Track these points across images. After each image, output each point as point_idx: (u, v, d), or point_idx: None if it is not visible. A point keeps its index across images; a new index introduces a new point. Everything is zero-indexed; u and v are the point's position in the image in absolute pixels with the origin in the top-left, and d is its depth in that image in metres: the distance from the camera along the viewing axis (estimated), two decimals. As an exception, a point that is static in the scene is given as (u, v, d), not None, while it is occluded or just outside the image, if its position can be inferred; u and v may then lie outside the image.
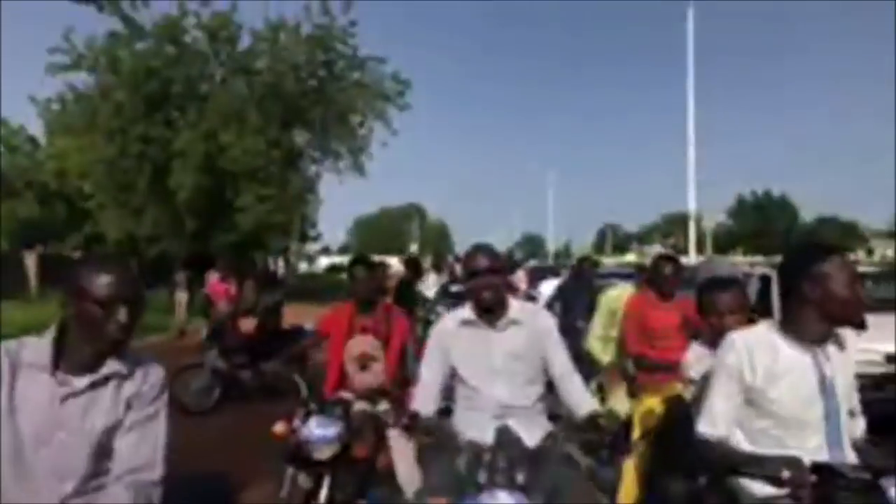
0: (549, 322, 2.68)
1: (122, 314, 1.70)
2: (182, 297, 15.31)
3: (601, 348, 4.76)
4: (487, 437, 2.29)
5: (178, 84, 20.94)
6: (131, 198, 21.94)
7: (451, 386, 2.70)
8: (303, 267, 47.78)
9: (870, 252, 51.90)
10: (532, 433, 2.46)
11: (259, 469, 3.13)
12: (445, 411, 2.71)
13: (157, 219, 22.08)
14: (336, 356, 3.68)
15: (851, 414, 2.05)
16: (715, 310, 2.88)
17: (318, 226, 30.10)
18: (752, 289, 6.98)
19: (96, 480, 1.74)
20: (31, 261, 18.81)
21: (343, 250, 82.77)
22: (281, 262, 37.99)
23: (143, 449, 1.76)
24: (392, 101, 24.29)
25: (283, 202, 22.72)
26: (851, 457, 1.99)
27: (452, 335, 2.62)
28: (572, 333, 5.93)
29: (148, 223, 22.13)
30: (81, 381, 1.73)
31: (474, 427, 2.49)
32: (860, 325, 2.06)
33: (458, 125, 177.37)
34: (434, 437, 2.34)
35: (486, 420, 2.49)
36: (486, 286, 2.51)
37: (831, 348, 2.04)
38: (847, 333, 2.10)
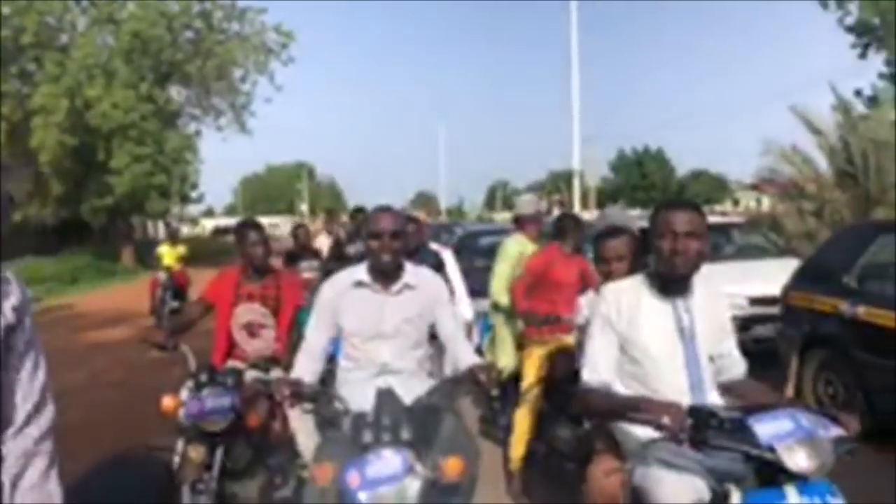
0: (442, 288, 2.70)
1: None
2: None
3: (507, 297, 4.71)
4: (369, 396, 2.29)
5: (31, 33, 19.00)
6: (-15, 159, 19.94)
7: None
8: (185, 231, 45.46)
9: (736, 203, 56.12)
10: (414, 392, 2.47)
11: (147, 445, 3.00)
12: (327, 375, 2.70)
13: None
14: (223, 325, 3.54)
15: (712, 359, 2.18)
16: (604, 257, 3.03)
17: (201, 187, 28.53)
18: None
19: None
20: None
21: (229, 212, 79.54)
22: (161, 227, 36.06)
23: (34, 385, 1.43)
24: (275, 55, 23.33)
25: (161, 162, 21.45)
26: (714, 398, 2.15)
27: (343, 295, 2.57)
28: None
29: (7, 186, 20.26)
30: None
31: (356, 387, 2.49)
32: (683, 278, 2.11)
33: (347, 80, 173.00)
34: (318, 405, 2.30)
35: (368, 380, 2.50)
36: (388, 249, 2.46)
37: (695, 298, 2.16)
38: (712, 279, 2.23)
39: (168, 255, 11.21)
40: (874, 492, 3.19)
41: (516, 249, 4.64)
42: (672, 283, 2.14)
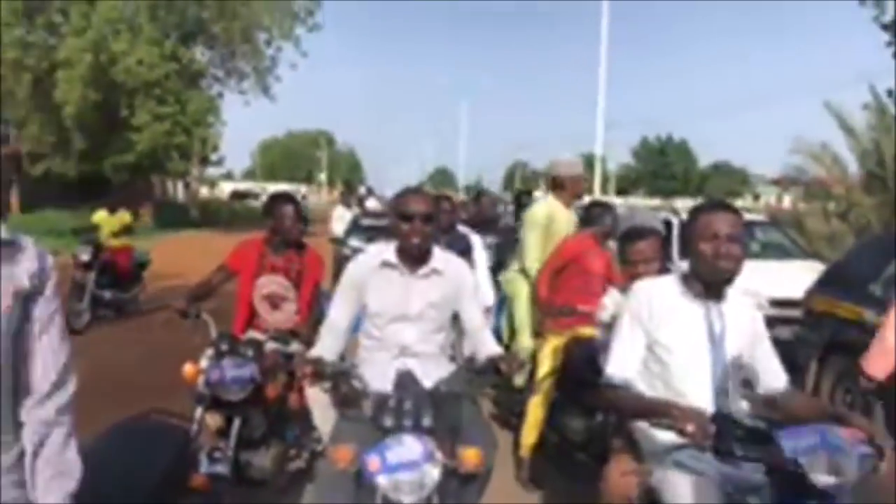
0: (468, 274, 2.67)
1: None
2: None
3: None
4: (388, 377, 2.30)
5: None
6: (9, 110, 20.01)
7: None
8: (204, 192, 45.57)
9: (756, 198, 55.42)
10: (433, 376, 2.48)
11: (165, 410, 3.02)
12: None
13: (40, 134, 20.30)
14: (245, 294, 3.55)
15: (740, 366, 2.15)
16: (630, 259, 2.98)
17: (221, 149, 28.52)
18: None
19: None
20: None
21: (247, 176, 79.64)
22: (181, 187, 36.22)
23: (59, 357, 1.51)
24: (301, 21, 23.17)
25: (182, 122, 21.48)
26: (738, 405, 2.13)
27: (370, 274, 2.54)
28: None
29: (29, 138, 20.35)
30: None
31: (376, 367, 2.49)
32: (727, 282, 2.09)
33: (371, 50, 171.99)
34: (338, 384, 2.28)
35: (389, 361, 2.50)
36: (419, 233, 2.43)
37: (728, 305, 2.14)
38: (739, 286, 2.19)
39: (106, 225, 8.01)
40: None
41: (543, 214, 4.43)
42: (711, 287, 2.11)
